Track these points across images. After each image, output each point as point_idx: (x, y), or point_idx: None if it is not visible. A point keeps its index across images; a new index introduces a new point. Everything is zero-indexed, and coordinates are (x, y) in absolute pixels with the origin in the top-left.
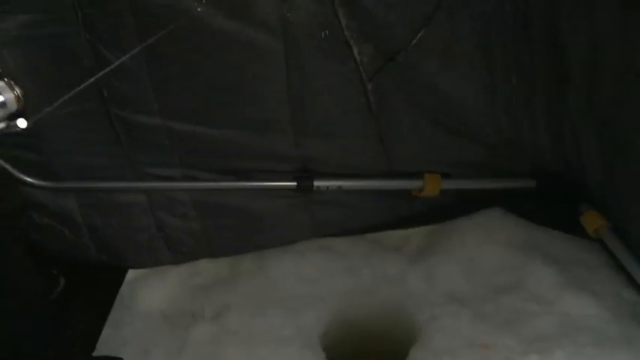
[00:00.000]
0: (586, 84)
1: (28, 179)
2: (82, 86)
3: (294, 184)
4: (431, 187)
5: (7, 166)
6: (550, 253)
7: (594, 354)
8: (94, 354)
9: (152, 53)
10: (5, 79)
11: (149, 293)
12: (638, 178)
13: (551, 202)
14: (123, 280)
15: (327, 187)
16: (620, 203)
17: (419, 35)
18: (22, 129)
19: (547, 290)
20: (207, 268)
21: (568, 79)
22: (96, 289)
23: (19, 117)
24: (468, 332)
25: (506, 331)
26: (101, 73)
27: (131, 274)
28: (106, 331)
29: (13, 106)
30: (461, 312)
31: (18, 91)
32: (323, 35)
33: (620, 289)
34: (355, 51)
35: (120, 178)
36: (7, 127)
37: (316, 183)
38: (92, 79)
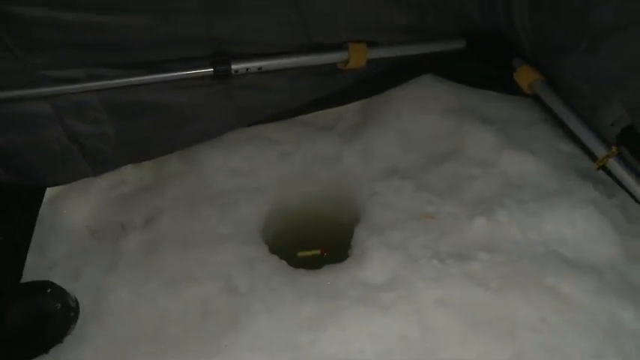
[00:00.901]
0: None
1: None
2: None
3: (211, 70)
4: (356, 57)
5: None
6: (485, 115)
7: (536, 208)
8: (22, 282)
9: None
10: None
11: (72, 210)
12: (570, 27)
13: (482, 62)
14: (41, 201)
15: (247, 70)
16: (553, 55)
17: None
18: None
19: (486, 152)
20: (130, 174)
21: None
22: (13, 215)
23: None
24: (411, 204)
25: (449, 198)
26: None
27: (49, 192)
28: (31, 257)
29: None
30: (402, 184)
31: None
32: None
33: (557, 143)
34: None
35: (15, 86)
36: None
37: (234, 66)
38: None
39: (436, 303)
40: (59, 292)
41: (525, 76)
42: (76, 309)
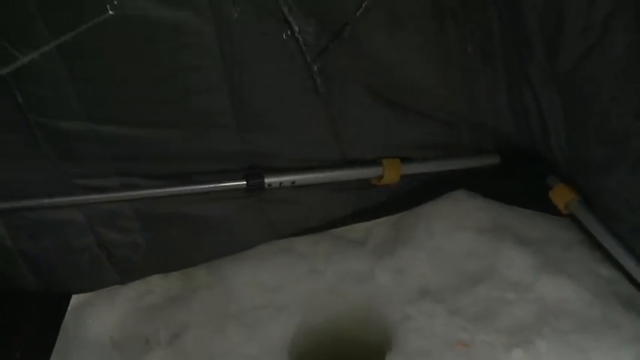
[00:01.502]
0: (546, 46)
1: None
2: None
3: (244, 183)
4: (391, 173)
5: None
6: (521, 234)
7: (579, 341)
8: None
9: (70, 50)
10: None
11: (96, 319)
12: (609, 147)
13: (517, 178)
14: (66, 308)
15: (280, 184)
16: (590, 175)
17: (364, 4)
18: None
19: (522, 275)
20: (158, 285)
21: (527, 44)
22: (37, 321)
23: None
24: (444, 330)
25: (484, 324)
26: None
27: (75, 299)
28: None
29: None
30: (435, 308)
31: None
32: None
33: (597, 266)
34: (296, 29)
35: (50, 193)
36: None
37: (267, 180)
38: None
39: None
40: None
41: (561, 196)
42: None
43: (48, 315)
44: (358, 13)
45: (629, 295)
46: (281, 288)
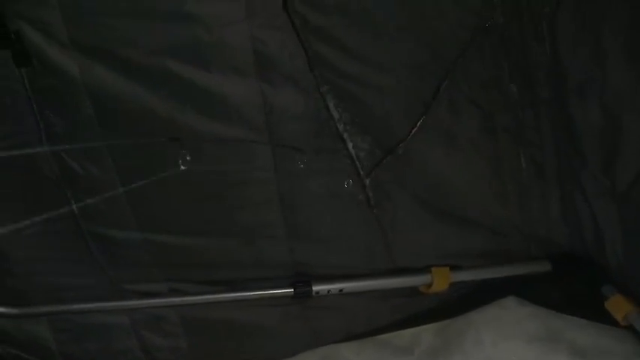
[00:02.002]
0: (601, 159)
1: None
2: None
3: (291, 290)
4: (439, 281)
5: None
6: (575, 345)
7: None
8: None
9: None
10: None
11: None
12: None
13: (569, 285)
14: None
15: (328, 292)
16: None
17: (418, 124)
18: None
19: None
20: None
21: (581, 157)
22: None
23: None
24: None
25: None
26: None
27: None
28: None
29: None
30: None
31: None
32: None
33: None
34: (350, 145)
35: (98, 298)
36: None
37: (315, 288)
38: None
39: None
40: None
41: (619, 307)
42: None
43: None
44: (413, 131)
45: None
46: None
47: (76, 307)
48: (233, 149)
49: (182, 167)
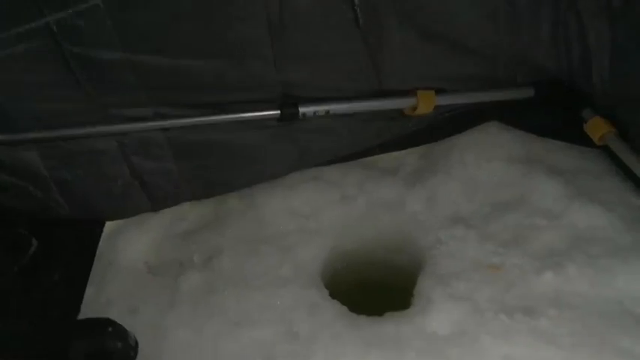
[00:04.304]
0: None
1: None
2: None
3: (278, 112)
4: (425, 104)
5: None
6: (553, 165)
7: (609, 264)
8: (79, 317)
9: None
10: None
11: (131, 245)
12: None
13: (550, 111)
14: (100, 234)
15: (314, 113)
16: (630, 109)
17: None
18: None
19: (553, 203)
20: (190, 211)
21: None
22: (73, 247)
23: None
24: (476, 254)
25: (515, 249)
26: None
27: (109, 226)
28: (89, 291)
29: None
30: (466, 234)
31: None
32: None
33: (628, 195)
34: None
35: (85, 123)
36: None
37: (302, 109)
38: None
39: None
40: (120, 331)
41: (597, 128)
42: (135, 348)
43: (82, 241)
44: None
45: None
46: (313, 214)
47: (62, 132)
48: None
49: None
